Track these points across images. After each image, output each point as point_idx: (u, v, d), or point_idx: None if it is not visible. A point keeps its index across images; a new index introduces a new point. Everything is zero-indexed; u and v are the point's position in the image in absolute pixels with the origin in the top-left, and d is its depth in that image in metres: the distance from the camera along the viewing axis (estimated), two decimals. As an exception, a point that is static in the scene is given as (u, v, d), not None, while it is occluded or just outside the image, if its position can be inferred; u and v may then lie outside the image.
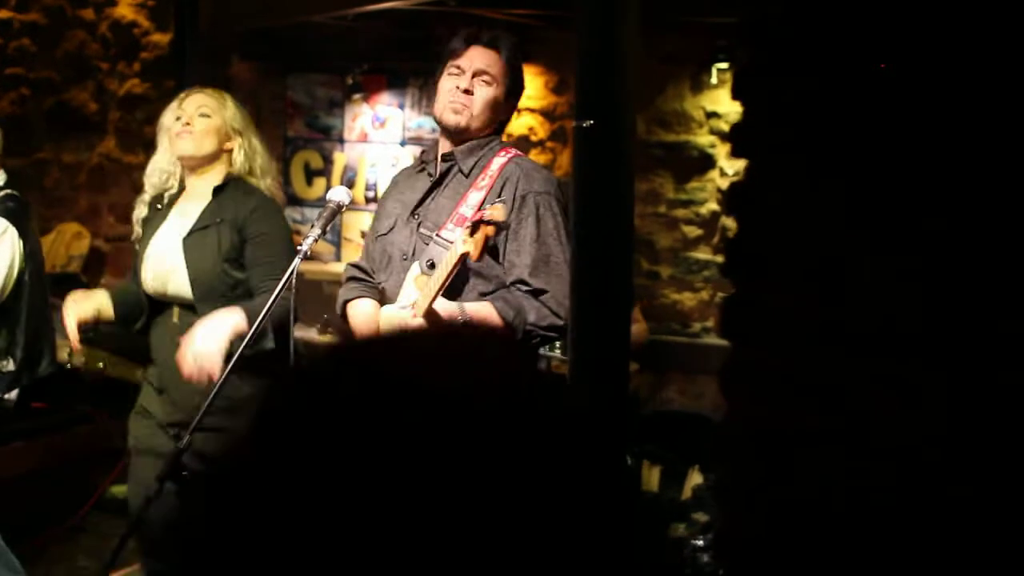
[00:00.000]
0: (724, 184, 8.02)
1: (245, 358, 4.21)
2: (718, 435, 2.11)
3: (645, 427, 7.06)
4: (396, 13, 7.50)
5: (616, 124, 3.36)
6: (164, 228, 5.01)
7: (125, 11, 10.36)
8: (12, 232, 5.38)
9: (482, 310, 4.07)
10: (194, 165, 5.00)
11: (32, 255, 5.48)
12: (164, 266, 4.89)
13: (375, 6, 6.99)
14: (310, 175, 9.78)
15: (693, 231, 8.19)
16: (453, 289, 4.12)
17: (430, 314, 4.05)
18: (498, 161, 4.31)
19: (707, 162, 8.11)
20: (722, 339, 2.14)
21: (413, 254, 4.34)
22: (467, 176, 4.33)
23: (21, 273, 5.42)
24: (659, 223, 8.19)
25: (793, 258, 2.03)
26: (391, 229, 4.48)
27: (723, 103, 7.95)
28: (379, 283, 4.50)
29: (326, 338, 6.57)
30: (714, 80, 7.92)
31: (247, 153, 5.01)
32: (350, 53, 9.28)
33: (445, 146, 4.45)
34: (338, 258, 9.62)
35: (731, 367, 2.06)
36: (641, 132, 7.93)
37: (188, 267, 4.84)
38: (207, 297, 4.80)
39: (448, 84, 4.40)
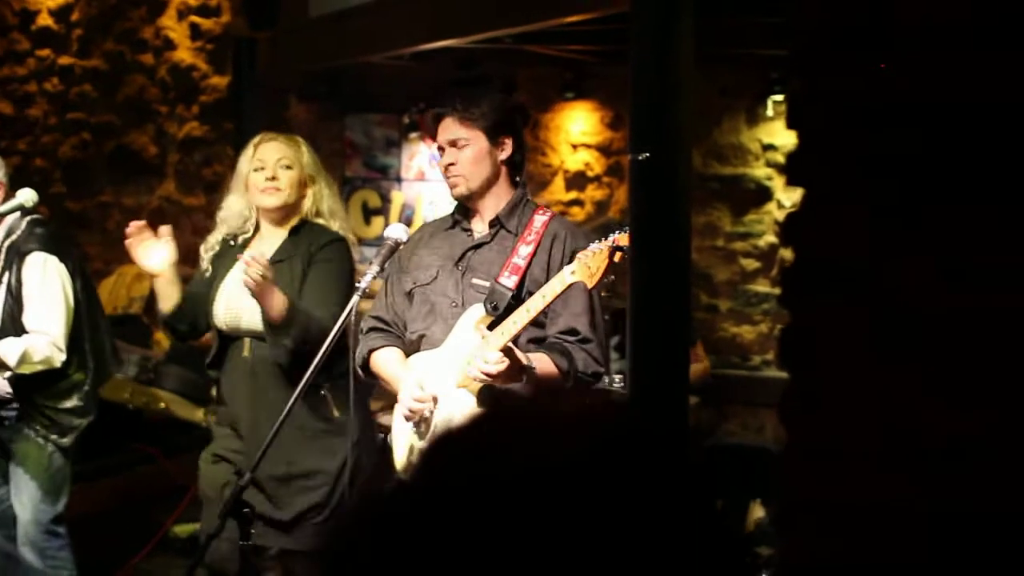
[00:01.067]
0: (781, 216, 7.99)
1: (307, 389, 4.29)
2: (779, 465, 2.10)
3: (706, 461, 7.03)
4: (451, 52, 7.55)
5: (671, 157, 3.36)
6: (239, 266, 5.02)
7: (184, 55, 10.47)
8: (53, 261, 5.44)
9: (542, 361, 4.18)
10: (280, 214, 5.10)
11: (76, 273, 5.54)
12: (238, 301, 4.94)
13: (430, 45, 7.04)
14: (368, 214, 9.83)
15: (751, 264, 8.17)
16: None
17: (509, 350, 4.12)
18: (539, 219, 4.43)
19: (764, 194, 8.09)
20: (781, 369, 2.13)
21: (464, 304, 4.42)
22: (513, 233, 4.44)
23: (76, 296, 5.49)
24: (717, 256, 8.18)
25: (851, 287, 2.02)
26: (434, 279, 4.55)
27: (779, 135, 7.93)
28: (415, 332, 4.57)
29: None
30: (770, 112, 7.90)
31: (316, 197, 5.10)
32: (406, 93, 9.33)
33: (476, 210, 4.57)
34: (397, 296, 9.66)
35: (790, 396, 2.05)
36: (698, 165, 7.92)
37: None
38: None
39: (441, 164, 4.62)
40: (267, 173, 5.02)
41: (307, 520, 4.92)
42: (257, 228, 5.18)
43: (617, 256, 4.04)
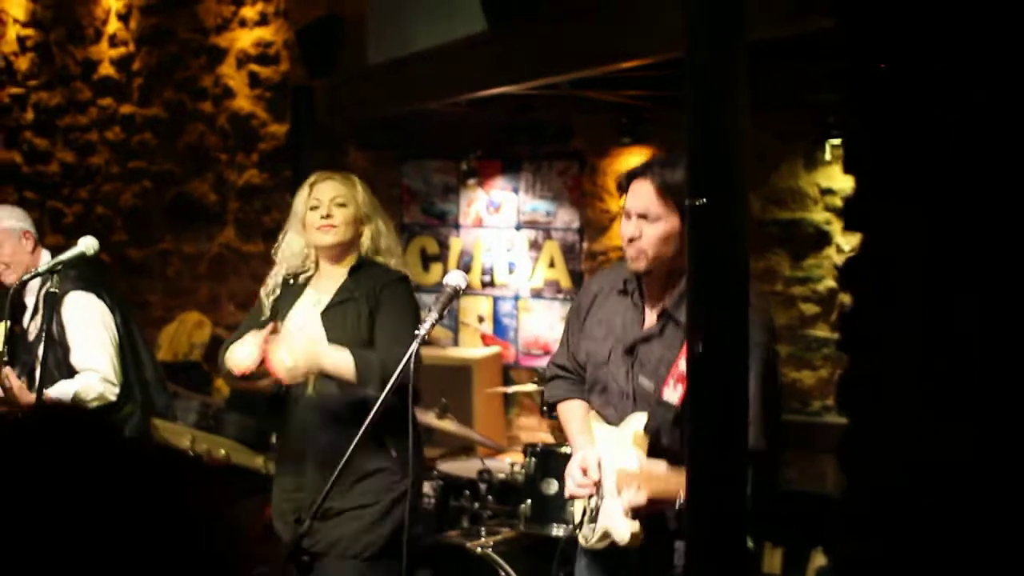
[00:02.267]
0: (841, 260, 7.95)
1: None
2: (840, 511, 2.08)
3: (765, 507, 6.97)
4: (508, 98, 7.57)
5: (729, 201, 3.34)
6: (300, 304, 5.18)
7: (243, 103, 10.56)
8: (91, 298, 5.52)
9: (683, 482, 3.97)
10: (336, 253, 5.17)
11: (115, 307, 5.61)
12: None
13: (488, 92, 7.06)
14: (426, 261, 9.85)
15: (811, 308, 8.12)
16: None
17: (652, 498, 4.11)
18: None
19: (823, 239, 8.04)
20: (840, 415, 2.11)
21: (633, 398, 4.36)
22: (680, 326, 4.19)
23: (118, 330, 5.56)
24: (776, 301, 8.12)
25: (909, 332, 2.00)
26: (606, 362, 4.46)
27: (837, 179, 7.89)
28: (589, 392, 4.57)
29: (444, 423, 6.58)
30: (828, 156, 7.86)
31: (373, 236, 5.17)
32: (464, 139, 9.36)
33: (647, 284, 4.39)
34: (456, 343, 9.66)
35: (849, 442, 2.04)
36: (756, 210, 7.90)
37: (328, 339, 4.96)
38: None
39: (624, 231, 4.33)
40: (322, 211, 5.10)
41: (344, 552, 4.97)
42: (316, 267, 5.25)
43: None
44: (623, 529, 4.24)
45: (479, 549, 5.95)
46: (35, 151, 12.16)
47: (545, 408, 4.75)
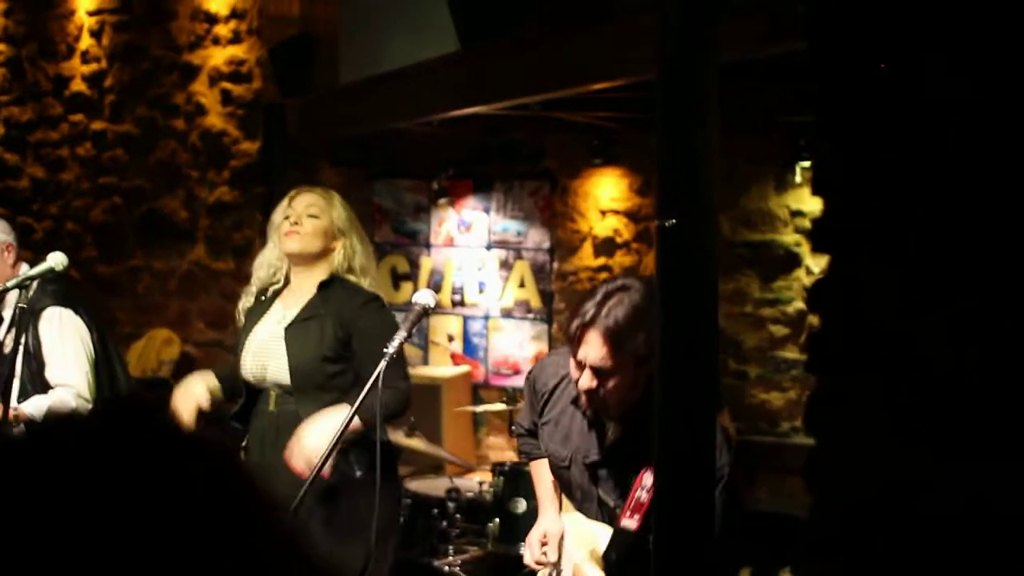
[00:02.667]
0: (810, 282, 7.98)
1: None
2: (807, 531, 2.10)
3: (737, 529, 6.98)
4: (480, 119, 7.59)
5: (699, 223, 3.36)
6: (267, 318, 5.15)
7: (215, 120, 10.55)
8: (68, 314, 5.51)
9: None
10: (300, 263, 5.14)
11: (91, 324, 5.60)
12: (265, 353, 5.02)
13: (459, 112, 7.08)
14: (397, 279, 9.86)
15: (780, 330, 8.15)
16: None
17: None
18: None
19: (793, 261, 8.08)
20: (807, 435, 2.13)
21: (598, 505, 4.31)
22: (641, 448, 3.98)
23: (94, 347, 5.55)
24: (746, 322, 8.16)
25: (876, 354, 2.02)
26: (566, 468, 4.34)
27: (808, 202, 7.93)
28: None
29: (413, 441, 6.58)
30: (798, 179, 7.91)
31: (347, 253, 5.12)
32: (436, 158, 9.38)
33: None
34: (425, 362, 9.67)
35: (816, 462, 2.05)
36: (726, 232, 7.93)
37: (289, 355, 4.96)
38: (304, 385, 4.93)
39: (581, 383, 4.08)
40: (292, 219, 5.10)
41: None
42: (287, 282, 5.23)
43: None
44: None
45: (447, 567, 5.94)
46: (5, 166, 12.11)
47: (521, 457, 4.76)
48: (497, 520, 6.00)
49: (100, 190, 11.43)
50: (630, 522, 4.06)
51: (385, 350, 4.33)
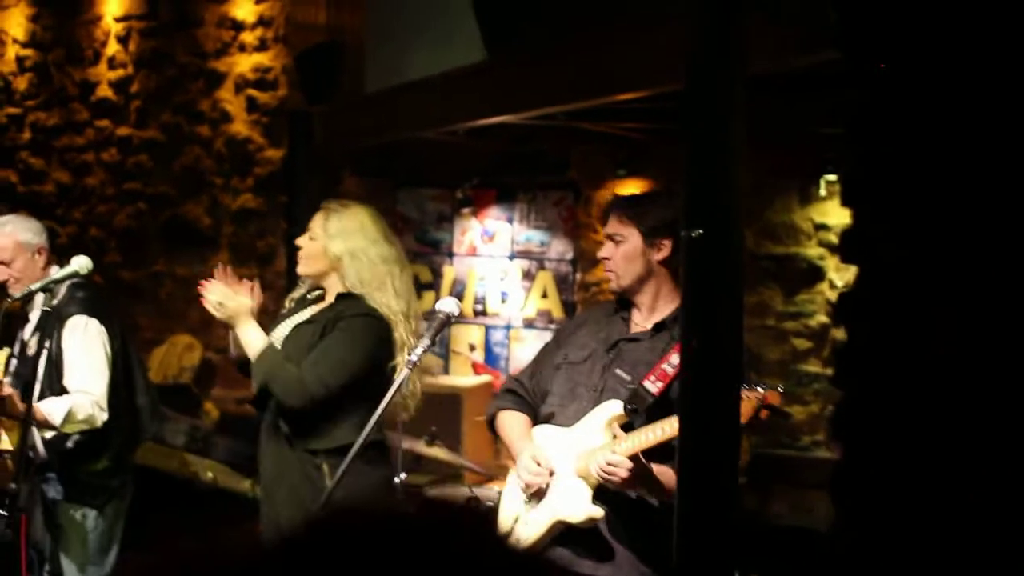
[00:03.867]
0: (834, 296, 7.96)
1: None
2: (830, 543, 2.08)
3: (754, 542, 6.96)
4: (505, 128, 7.58)
5: (724, 234, 3.36)
6: (291, 319, 5.21)
7: (240, 128, 10.58)
8: (94, 323, 5.50)
9: (666, 475, 4.16)
10: (312, 281, 5.25)
11: (115, 334, 5.60)
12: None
13: (484, 121, 7.07)
14: (419, 289, 9.83)
15: (803, 344, 8.13)
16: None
17: (636, 459, 4.18)
18: None
19: (816, 274, 8.06)
20: (832, 446, 2.12)
21: (602, 392, 4.49)
22: (673, 339, 4.39)
23: (115, 358, 5.55)
24: (768, 336, 8.14)
25: (905, 365, 2.00)
26: (583, 361, 4.62)
27: (832, 215, 7.91)
28: (551, 407, 4.66)
29: (433, 450, 6.57)
30: (823, 192, 7.89)
31: (356, 268, 5.10)
32: (459, 168, 9.38)
33: (636, 304, 4.62)
34: (446, 371, 9.65)
35: (842, 474, 2.04)
36: (750, 245, 7.91)
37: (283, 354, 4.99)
38: None
39: (600, 254, 4.68)
40: (300, 240, 5.22)
41: None
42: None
43: (763, 413, 4.09)
44: (578, 508, 4.36)
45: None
46: (31, 171, 12.16)
47: (487, 422, 4.82)
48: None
49: (124, 196, 11.46)
50: (652, 385, 4.32)
51: (410, 357, 4.35)
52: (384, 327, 5.04)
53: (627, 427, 4.37)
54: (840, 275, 7.90)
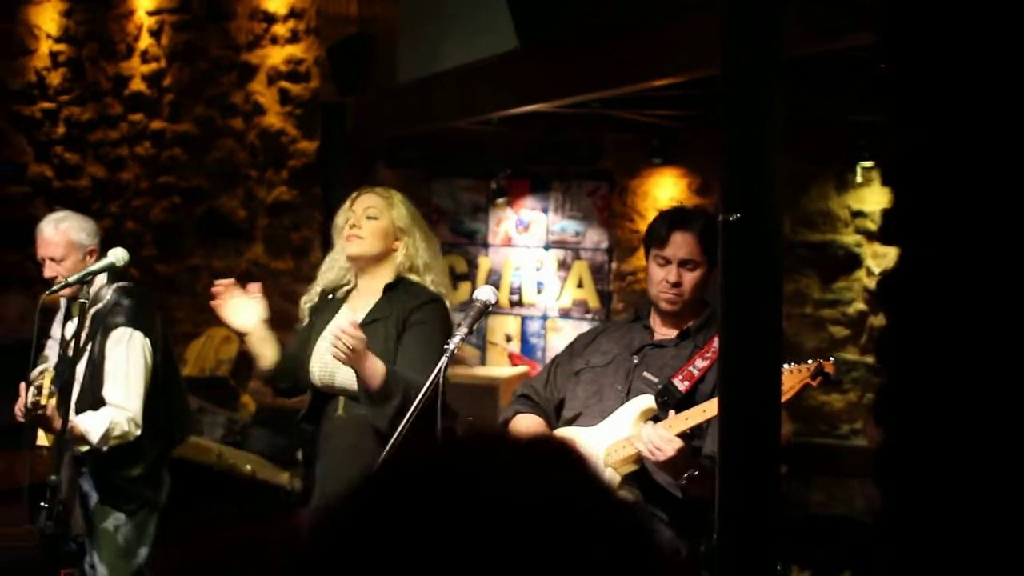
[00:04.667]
0: (871, 283, 7.91)
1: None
2: (874, 529, 2.06)
3: (794, 531, 6.93)
4: (539, 117, 7.55)
5: (763, 216, 3.32)
6: (336, 321, 5.08)
7: (273, 120, 10.59)
8: (138, 336, 5.47)
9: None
10: (363, 265, 5.15)
11: (158, 345, 5.58)
12: (334, 359, 4.92)
13: (517, 110, 7.05)
14: (455, 280, 9.84)
15: (840, 331, 8.08)
16: None
17: (683, 439, 4.24)
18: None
19: (853, 261, 8.01)
20: (867, 434, 2.09)
21: (629, 392, 4.54)
22: (697, 346, 4.55)
23: (156, 369, 5.53)
24: (806, 324, 8.09)
25: (947, 347, 1.97)
26: (607, 364, 4.66)
27: (868, 202, 7.86)
28: (572, 411, 4.69)
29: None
30: (859, 179, 7.84)
31: (409, 252, 5.11)
32: (494, 158, 9.36)
33: (661, 317, 4.70)
34: (483, 362, 9.64)
35: (885, 458, 2.01)
36: (786, 232, 7.85)
37: None
38: None
39: (658, 275, 4.62)
40: (352, 221, 5.11)
41: None
42: (355, 284, 5.23)
43: (816, 381, 4.12)
44: None
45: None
46: (66, 166, 12.20)
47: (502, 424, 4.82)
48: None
49: (159, 189, 11.49)
50: (680, 384, 4.41)
51: (446, 346, 4.31)
52: (447, 310, 5.10)
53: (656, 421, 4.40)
54: (877, 262, 7.84)
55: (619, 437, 4.42)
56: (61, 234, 5.65)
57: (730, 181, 3.40)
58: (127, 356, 5.44)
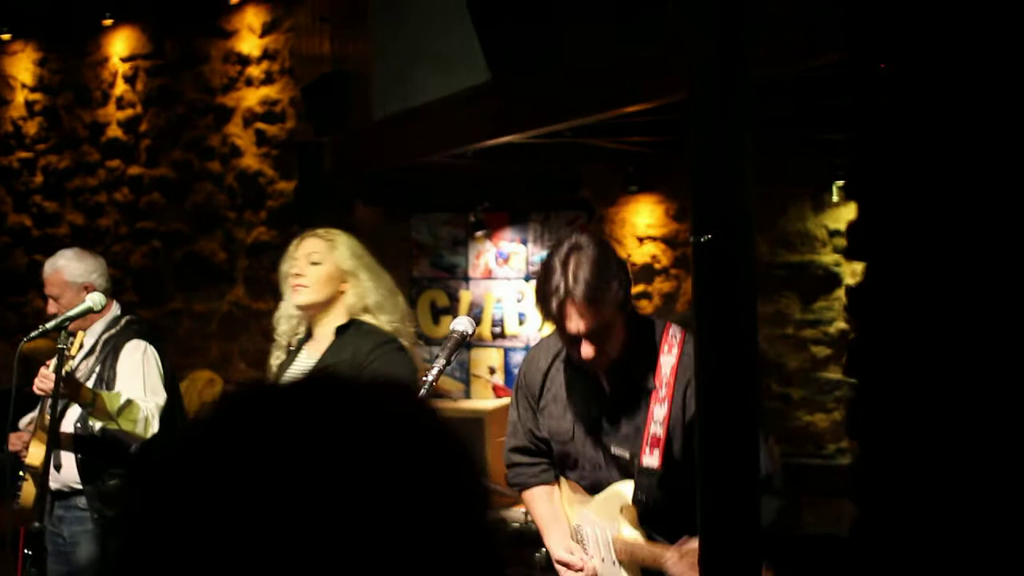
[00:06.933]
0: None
1: None
2: (852, 542, 2.06)
3: (782, 551, 6.91)
4: (514, 149, 7.56)
5: (735, 235, 3.32)
6: (293, 370, 5.06)
7: (251, 161, 10.60)
8: (151, 348, 5.60)
9: None
10: (313, 313, 5.04)
11: (167, 365, 5.72)
12: None
13: (492, 142, 7.06)
14: (437, 313, 9.85)
15: (822, 351, 8.09)
16: None
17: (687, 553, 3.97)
18: (667, 361, 4.09)
19: (833, 280, 8.03)
20: (849, 440, 2.09)
21: (607, 466, 4.27)
22: (641, 386, 4.15)
23: (167, 381, 5.63)
24: (787, 344, 8.11)
25: (915, 356, 1.98)
26: (571, 439, 4.33)
27: (846, 221, 7.87)
28: (560, 448, 4.42)
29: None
30: (835, 198, 7.86)
31: (358, 293, 5.01)
32: (471, 192, 9.38)
33: (590, 352, 4.10)
34: (467, 395, 9.63)
35: (859, 469, 2.01)
36: (764, 253, 7.89)
37: None
38: None
39: (582, 354, 4.10)
40: (295, 269, 5.00)
41: None
42: (310, 330, 5.14)
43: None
44: None
45: (494, 600, 5.88)
46: (44, 214, 12.19)
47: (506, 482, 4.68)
48: (544, 550, 5.95)
49: (138, 235, 11.49)
50: (652, 460, 4.06)
51: (424, 378, 4.27)
52: (403, 349, 4.97)
53: (644, 511, 4.17)
54: (856, 280, 7.85)
55: (615, 531, 4.22)
56: (55, 272, 5.84)
57: (700, 201, 3.40)
58: (143, 361, 5.58)
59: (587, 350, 4.04)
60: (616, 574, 4.24)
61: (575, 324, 4.00)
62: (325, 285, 5.00)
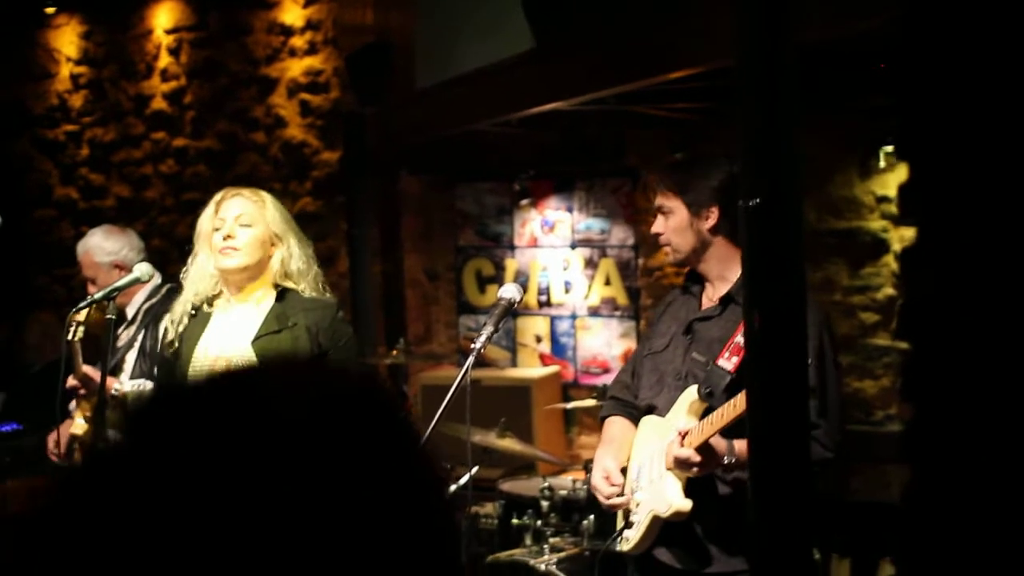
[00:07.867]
0: (899, 268, 7.87)
1: None
2: (905, 505, 2.04)
3: (832, 518, 6.90)
4: (559, 117, 7.53)
5: (782, 200, 3.31)
6: (211, 334, 4.88)
7: (295, 132, 10.60)
8: None
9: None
10: (240, 277, 4.87)
11: None
12: (229, 350, 4.77)
13: (536, 109, 7.04)
14: (482, 283, 9.85)
15: (871, 317, 8.04)
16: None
17: (705, 449, 4.10)
18: None
19: (880, 247, 7.97)
20: (905, 404, 2.08)
21: (686, 377, 4.41)
22: (736, 300, 4.34)
23: None
24: (836, 311, 8.06)
25: (969, 318, 1.96)
26: (665, 348, 4.56)
27: (893, 186, 7.82)
28: (644, 401, 4.61)
29: (505, 442, 6.54)
30: (882, 164, 7.80)
31: (284, 258, 4.87)
32: (516, 159, 9.35)
33: (703, 276, 4.56)
34: (514, 363, 9.63)
35: (914, 433, 2.00)
36: (812, 220, 7.84)
37: None
38: None
39: (652, 229, 4.63)
40: (225, 231, 4.81)
41: None
42: (224, 292, 4.96)
43: None
44: (665, 502, 4.26)
45: (543, 566, 5.90)
46: (91, 187, 12.24)
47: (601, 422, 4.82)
48: (592, 517, 5.96)
49: (184, 206, 11.51)
50: (727, 363, 4.20)
51: (473, 345, 4.26)
52: (342, 311, 4.99)
53: (710, 410, 4.23)
54: (905, 244, 7.81)
55: (665, 440, 4.32)
56: (86, 254, 5.83)
57: (748, 166, 3.39)
58: None
59: (656, 225, 4.54)
60: (661, 491, 4.28)
61: (656, 200, 4.53)
62: (257, 249, 4.82)
